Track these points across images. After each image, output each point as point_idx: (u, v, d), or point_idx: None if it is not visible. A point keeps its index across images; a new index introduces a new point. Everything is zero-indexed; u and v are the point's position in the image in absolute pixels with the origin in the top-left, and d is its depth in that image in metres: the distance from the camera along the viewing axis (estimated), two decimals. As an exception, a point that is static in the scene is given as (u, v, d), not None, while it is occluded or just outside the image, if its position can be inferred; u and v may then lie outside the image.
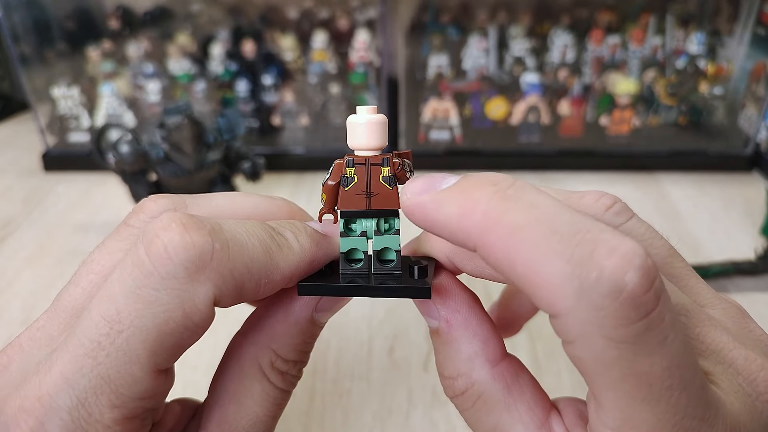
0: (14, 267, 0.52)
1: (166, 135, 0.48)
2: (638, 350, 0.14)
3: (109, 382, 0.16)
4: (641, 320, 0.13)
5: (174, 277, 0.16)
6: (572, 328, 0.14)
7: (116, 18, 0.71)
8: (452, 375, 0.19)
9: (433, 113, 0.69)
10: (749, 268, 0.49)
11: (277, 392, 0.20)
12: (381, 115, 0.20)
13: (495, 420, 0.18)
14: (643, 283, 0.13)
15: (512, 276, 0.15)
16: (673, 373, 0.14)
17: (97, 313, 0.16)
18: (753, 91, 0.69)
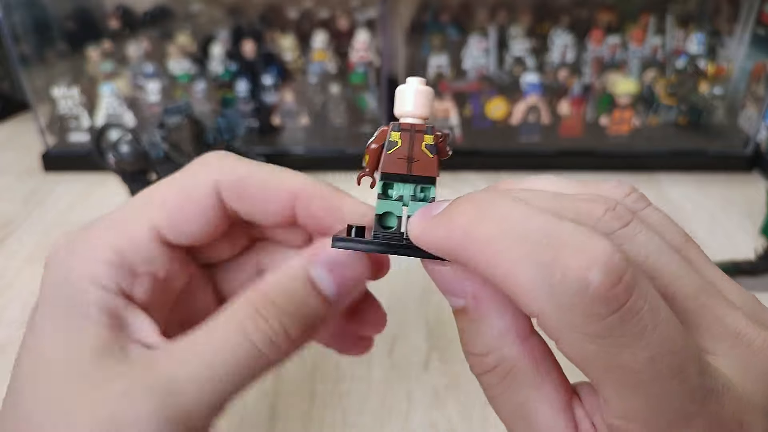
0: (14, 267, 0.52)
1: (166, 135, 0.48)
2: (616, 343, 0.14)
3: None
4: (613, 314, 0.14)
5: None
6: (551, 328, 0.15)
7: (116, 18, 0.71)
8: (483, 352, 0.18)
9: (433, 113, 0.69)
10: (749, 268, 0.49)
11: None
12: (429, 87, 0.21)
13: (523, 397, 0.18)
14: (609, 279, 0.14)
15: (496, 284, 0.16)
16: (658, 362, 0.14)
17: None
18: (753, 91, 0.69)
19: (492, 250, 0.16)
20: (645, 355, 0.14)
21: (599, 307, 0.14)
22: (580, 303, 0.14)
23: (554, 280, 0.14)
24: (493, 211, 0.16)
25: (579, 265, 0.14)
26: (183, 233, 0.22)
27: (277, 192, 0.22)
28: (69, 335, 0.19)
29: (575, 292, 0.14)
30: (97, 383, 0.18)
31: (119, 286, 0.20)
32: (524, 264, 0.15)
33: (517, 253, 0.15)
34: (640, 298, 0.14)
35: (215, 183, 0.22)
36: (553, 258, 0.14)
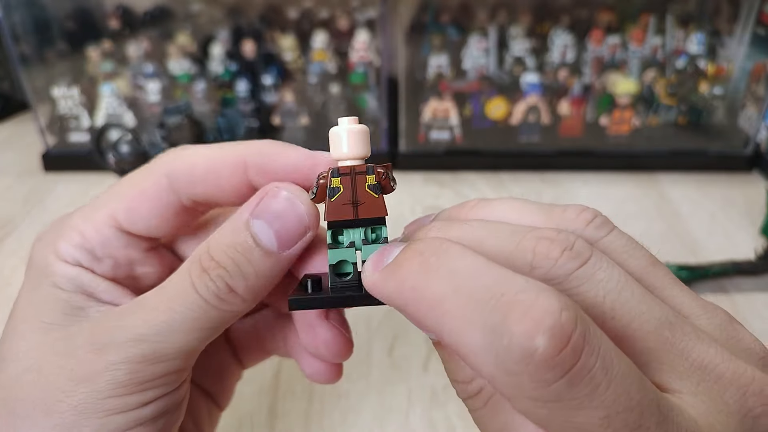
0: (14, 267, 0.52)
1: (166, 135, 0.48)
2: (568, 406, 0.14)
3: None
4: (560, 379, 0.14)
5: None
6: (502, 391, 0.15)
7: (116, 18, 0.71)
8: (465, 379, 0.18)
9: (433, 113, 0.69)
10: (749, 268, 0.49)
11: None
12: (362, 125, 0.20)
13: (505, 419, 0.18)
14: (555, 344, 0.13)
15: (446, 344, 0.16)
16: (614, 419, 0.14)
17: None
18: (753, 91, 0.69)
19: (440, 311, 0.15)
20: (599, 415, 0.14)
21: (545, 373, 0.14)
22: (526, 370, 0.14)
23: (501, 347, 0.14)
24: (442, 266, 0.16)
25: (524, 331, 0.14)
26: (138, 223, 0.23)
27: (223, 165, 0.22)
28: (41, 299, 0.21)
29: (521, 359, 0.14)
30: (67, 337, 0.20)
31: (80, 263, 0.22)
32: (472, 328, 0.14)
33: (465, 317, 0.15)
34: (591, 357, 0.14)
35: (167, 174, 0.22)
36: (500, 322, 0.14)
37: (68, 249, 0.22)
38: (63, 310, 0.21)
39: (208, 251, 0.20)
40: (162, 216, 0.23)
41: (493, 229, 0.18)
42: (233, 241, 0.20)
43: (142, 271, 0.24)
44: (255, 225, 0.20)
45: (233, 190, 0.22)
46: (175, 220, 0.23)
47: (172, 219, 0.23)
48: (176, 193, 0.22)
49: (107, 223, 0.23)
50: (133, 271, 0.24)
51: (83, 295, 0.22)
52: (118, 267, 0.23)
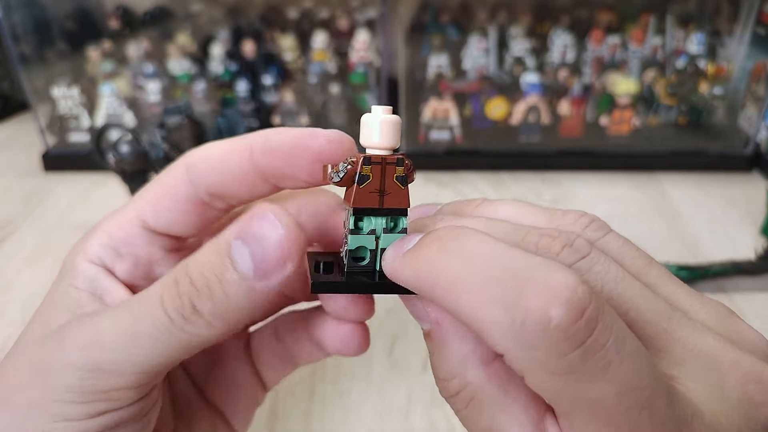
0: (14, 267, 0.52)
1: (166, 135, 0.48)
2: (581, 379, 0.14)
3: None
4: (575, 351, 0.14)
5: None
6: (517, 366, 0.15)
7: (116, 18, 0.71)
8: (447, 377, 0.19)
9: (433, 113, 0.69)
10: (749, 268, 0.49)
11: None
12: (396, 116, 0.20)
13: (489, 420, 0.18)
14: (571, 316, 0.14)
15: (463, 322, 0.16)
16: (626, 396, 0.14)
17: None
18: (753, 91, 0.69)
19: (458, 290, 0.16)
20: (612, 390, 0.14)
21: (562, 344, 0.14)
22: (543, 342, 0.14)
23: (517, 319, 0.14)
24: (459, 249, 0.16)
25: (541, 304, 0.14)
26: (160, 217, 0.23)
27: (233, 151, 0.22)
28: (56, 297, 0.22)
29: (538, 332, 0.14)
30: (55, 331, 0.20)
31: (103, 261, 0.23)
32: (489, 304, 0.15)
33: (482, 293, 0.15)
34: (604, 332, 0.14)
35: (186, 166, 0.22)
36: (517, 296, 0.15)
37: (94, 248, 0.23)
38: (68, 306, 0.21)
39: (186, 266, 0.19)
40: (182, 210, 0.23)
41: (497, 225, 0.19)
42: (209, 260, 0.19)
43: (160, 271, 0.24)
44: (234, 246, 0.18)
45: (243, 176, 0.22)
46: (195, 215, 0.23)
47: (192, 214, 0.23)
48: (194, 186, 0.22)
49: (133, 220, 0.23)
50: (151, 272, 0.24)
51: (93, 296, 0.22)
52: (138, 265, 0.23)
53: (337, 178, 0.20)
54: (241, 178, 0.22)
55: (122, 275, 0.23)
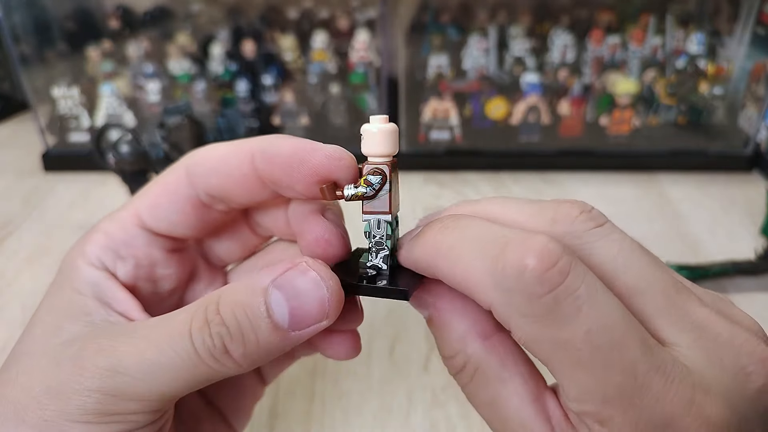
0: (14, 267, 0.52)
1: (166, 135, 0.48)
2: (555, 321, 0.16)
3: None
4: (548, 294, 0.16)
5: None
6: (502, 316, 0.17)
7: (116, 18, 0.71)
8: (450, 354, 0.20)
9: (433, 113, 0.69)
10: (749, 268, 0.49)
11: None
12: (393, 124, 0.21)
13: (492, 392, 0.19)
14: (543, 262, 0.16)
15: (460, 287, 0.18)
16: (595, 335, 0.16)
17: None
18: (753, 91, 0.69)
19: (453, 255, 0.18)
20: (582, 330, 0.16)
21: (536, 287, 0.16)
22: (519, 286, 0.16)
23: (498, 270, 0.16)
24: (456, 227, 0.19)
25: (518, 255, 0.16)
26: (160, 218, 0.23)
27: (234, 155, 0.22)
28: (58, 302, 0.21)
29: (515, 277, 0.16)
30: (64, 343, 0.20)
31: (104, 264, 0.22)
32: (476, 261, 0.17)
33: (472, 254, 0.17)
34: (576, 280, 0.16)
35: (186, 167, 0.23)
36: (498, 254, 0.17)
37: (94, 250, 0.22)
38: (73, 314, 0.21)
39: (218, 303, 0.19)
40: (181, 211, 0.23)
41: (513, 202, 0.20)
42: (245, 303, 0.19)
43: (162, 273, 0.24)
44: (272, 295, 0.19)
45: (243, 179, 0.22)
46: (194, 217, 0.23)
47: (191, 215, 0.23)
48: (194, 187, 0.22)
49: (132, 221, 0.23)
50: (153, 273, 0.24)
51: (97, 302, 0.22)
52: (139, 267, 0.23)
53: (371, 191, 0.20)
54: (241, 182, 0.22)
55: (124, 277, 0.23)
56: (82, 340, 0.20)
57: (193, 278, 0.26)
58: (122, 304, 0.22)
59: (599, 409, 0.16)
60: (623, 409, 0.16)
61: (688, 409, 0.16)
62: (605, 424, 0.16)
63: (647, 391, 0.16)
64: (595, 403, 0.16)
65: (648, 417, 0.16)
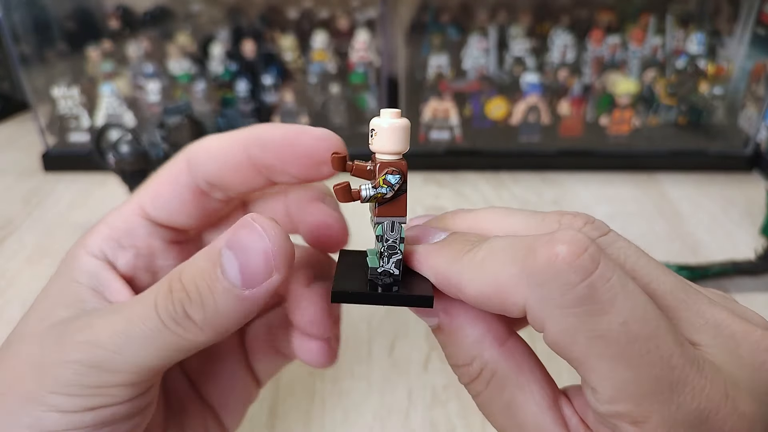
0: (14, 267, 0.52)
1: (166, 135, 0.48)
2: (591, 311, 0.16)
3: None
4: (583, 282, 0.15)
5: None
6: (536, 313, 0.16)
7: (116, 18, 0.71)
8: (465, 361, 0.20)
9: (433, 113, 0.69)
10: (749, 268, 0.49)
11: None
12: (405, 119, 0.19)
13: (508, 399, 0.19)
14: (574, 250, 0.16)
15: (488, 299, 0.18)
16: (632, 326, 0.15)
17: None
18: (753, 91, 0.69)
19: (484, 265, 0.18)
20: (619, 320, 0.15)
21: (570, 275, 0.16)
22: (553, 277, 0.16)
23: (530, 266, 0.16)
24: (485, 242, 0.18)
25: (548, 247, 0.16)
26: (160, 207, 0.23)
27: (231, 143, 0.22)
28: (56, 289, 0.22)
29: (548, 268, 0.16)
30: (54, 326, 0.20)
31: (105, 254, 0.23)
32: (507, 267, 0.17)
33: (503, 260, 0.17)
34: (607, 269, 0.16)
35: (186, 157, 0.23)
36: (528, 252, 0.16)
37: (96, 240, 0.23)
38: (67, 302, 0.21)
39: (180, 271, 0.20)
40: (181, 199, 0.23)
41: (516, 213, 0.20)
42: (202, 268, 0.19)
43: (161, 264, 0.24)
44: (224, 255, 0.19)
45: (239, 167, 0.22)
46: (194, 206, 0.23)
47: (191, 204, 0.23)
48: (193, 175, 0.23)
49: (134, 212, 0.23)
50: (153, 264, 0.24)
51: (92, 291, 0.22)
52: (139, 257, 0.24)
53: (390, 191, 0.19)
54: (236, 169, 0.22)
55: (123, 267, 0.23)
56: (66, 321, 0.20)
57: None
58: (117, 294, 0.22)
59: (635, 407, 0.16)
60: (660, 406, 0.15)
61: (723, 403, 0.15)
62: (640, 424, 0.16)
63: (684, 385, 0.15)
64: (631, 401, 0.16)
65: (685, 413, 0.15)
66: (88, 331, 0.19)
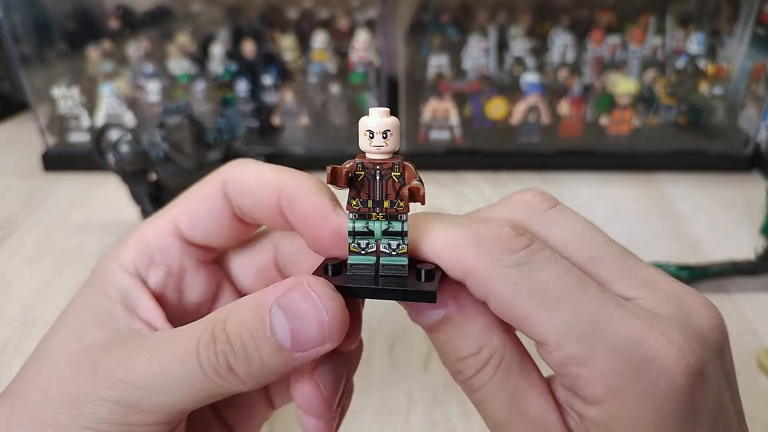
0: (14, 267, 0.52)
1: (166, 135, 0.48)
2: (530, 269, 0.19)
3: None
4: (523, 249, 0.19)
5: None
6: (483, 275, 0.19)
7: (116, 18, 0.71)
8: (474, 350, 0.20)
9: (433, 113, 0.69)
10: (749, 268, 0.49)
11: None
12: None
13: (513, 386, 0.20)
14: (515, 230, 0.19)
15: (454, 270, 0.20)
16: (564, 278, 0.19)
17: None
18: (753, 91, 0.69)
19: (443, 238, 0.20)
20: (553, 273, 0.19)
21: (512, 243, 0.19)
22: (497, 244, 0.19)
23: (480, 235, 0.19)
24: (442, 215, 0.21)
25: (495, 226, 0.19)
26: (197, 226, 0.23)
27: (266, 184, 0.22)
28: (86, 304, 0.22)
29: (495, 237, 0.19)
30: (86, 348, 0.20)
31: (137, 270, 0.23)
32: (460, 235, 0.20)
33: (457, 232, 0.20)
34: (540, 244, 0.19)
35: (224, 180, 0.23)
36: (477, 226, 0.20)
37: (130, 254, 0.23)
38: (99, 319, 0.21)
39: (225, 320, 0.19)
40: (217, 221, 0.23)
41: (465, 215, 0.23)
42: (249, 322, 0.19)
43: (190, 283, 0.24)
44: (275, 315, 0.19)
45: (272, 209, 0.22)
46: (228, 228, 0.24)
47: (226, 226, 0.23)
48: (229, 202, 0.23)
49: (169, 228, 0.23)
50: (182, 283, 0.24)
51: (124, 308, 0.22)
52: (170, 276, 0.24)
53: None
54: (270, 212, 0.22)
55: (154, 285, 0.23)
56: (101, 350, 0.20)
57: (218, 297, 0.26)
58: (148, 312, 0.22)
59: (578, 346, 0.18)
60: (598, 339, 0.18)
61: (650, 330, 0.18)
62: (588, 363, 0.18)
63: (613, 317, 0.18)
64: (574, 342, 0.18)
65: (620, 340, 0.18)
66: (125, 368, 0.19)
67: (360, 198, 0.20)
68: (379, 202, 0.20)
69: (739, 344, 0.43)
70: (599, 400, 0.18)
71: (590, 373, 0.18)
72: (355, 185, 0.20)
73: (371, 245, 0.20)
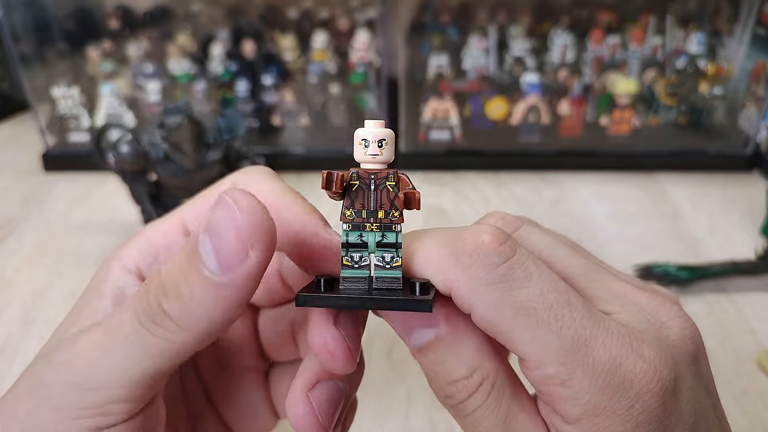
0: (14, 267, 0.52)
1: (166, 135, 0.48)
2: (512, 286, 0.18)
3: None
4: (504, 263, 0.18)
5: None
6: (463, 294, 0.19)
7: (116, 18, 0.71)
8: (467, 373, 0.19)
9: (433, 113, 0.69)
10: (749, 268, 0.49)
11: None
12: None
13: (505, 409, 0.19)
14: (496, 239, 0.19)
15: (442, 286, 0.19)
16: (548, 296, 0.18)
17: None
18: (753, 91, 0.69)
19: (422, 248, 0.20)
20: (536, 292, 0.18)
21: (493, 257, 0.18)
22: (477, 258, 0.18)
23: (459, 249, 0.19)
24: (423, 232, 0.21)
25: (472, 234, 0.19)
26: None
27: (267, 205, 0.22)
28: (81, 303, 0.22)
29: (474, 252, 0.18)
30: (51, 350, 0.20)
31: (139, 269, 0.22)
32: (440, 250, 0.19)
33: (437, 248, 0.19)
34: (522, 255, 0.19)
35: (233, 185, 0.23)
36: (458, 238, 0.19)
37: (132, 254, 0.22)
38: (86, 316, 0.21)
39: (160, 270, 0.18)
40: None
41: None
42: (180, 259, 0.17)
43: None
44: (201, 241, 0.17)
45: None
46: None
47: None
48: None
49: (176, 228, 0.23)
50: None
51: (114, 305, 0.21)
52: None
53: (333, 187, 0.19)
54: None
55: None
56: (62, 339, 0.20)
57: None
58: None
59: (560, 366, 0.18)
60: (579, 361, 0.18)
61: (629, 351, 0.18)
62: (568, 383, 0.18)
63: (596, 340, 0.18)
64: (556, 362, 0.18)
65: (600, 363, 0.18)
66: (67, 350, 0.18)
67: (354, 208, 0.20)
68: (373, 212, 0.20)
69: (739, 344, 0.43)
70: (577, 419, 0.18)
71: (570, 394, 0.18)
72: (349, 195, 0.20)
73: (364, 258, 0.20)
